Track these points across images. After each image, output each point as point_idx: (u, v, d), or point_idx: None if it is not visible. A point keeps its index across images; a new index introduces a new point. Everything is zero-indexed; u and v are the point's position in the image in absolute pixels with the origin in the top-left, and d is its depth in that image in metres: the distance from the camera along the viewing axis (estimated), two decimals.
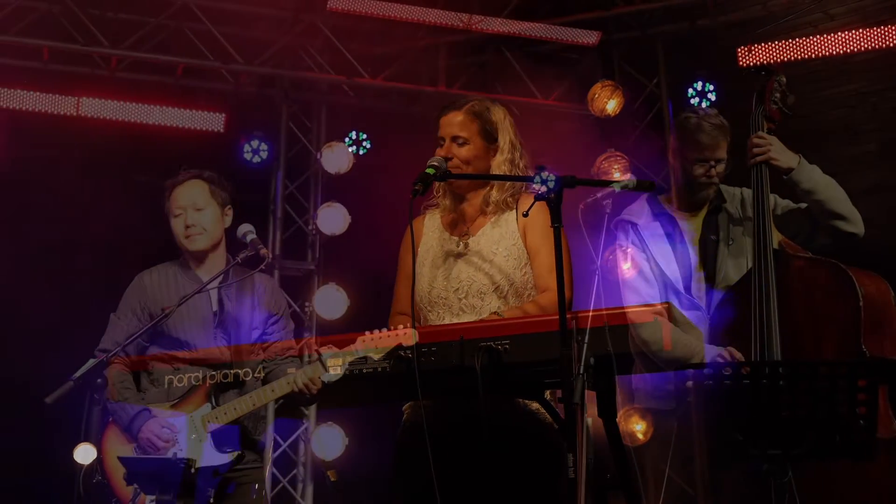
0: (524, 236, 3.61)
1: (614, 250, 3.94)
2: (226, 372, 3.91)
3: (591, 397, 2.90)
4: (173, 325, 3.98)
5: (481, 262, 3.58)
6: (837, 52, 6.95)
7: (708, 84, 7.14)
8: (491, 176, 3.65)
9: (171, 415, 3.86)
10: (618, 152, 7.38)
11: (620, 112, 7.47)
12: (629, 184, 3.24)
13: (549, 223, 3.02)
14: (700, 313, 3.88)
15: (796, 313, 3.55)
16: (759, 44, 7.01)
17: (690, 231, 4.03)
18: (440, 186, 3.72)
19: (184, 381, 3.92)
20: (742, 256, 3.93)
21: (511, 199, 3.69)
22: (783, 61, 6.87)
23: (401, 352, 3.14)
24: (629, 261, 3.96)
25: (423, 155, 3.67)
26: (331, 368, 3.41)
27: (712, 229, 4.02)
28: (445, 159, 3.54)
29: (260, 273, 4.05)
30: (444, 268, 3.63)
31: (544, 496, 3.34)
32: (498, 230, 3.65)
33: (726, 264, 3.93)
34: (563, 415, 2.84)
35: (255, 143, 7.37)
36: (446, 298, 3.58)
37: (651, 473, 3.74)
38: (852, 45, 6.91)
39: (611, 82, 7.51)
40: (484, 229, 3.67)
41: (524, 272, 3.59)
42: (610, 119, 7.48)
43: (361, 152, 7.53)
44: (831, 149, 7.05)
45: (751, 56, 7.03)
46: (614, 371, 2.96)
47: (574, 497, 2.73)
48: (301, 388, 3.62)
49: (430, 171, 3.38)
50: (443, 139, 3.64)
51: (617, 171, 7.25)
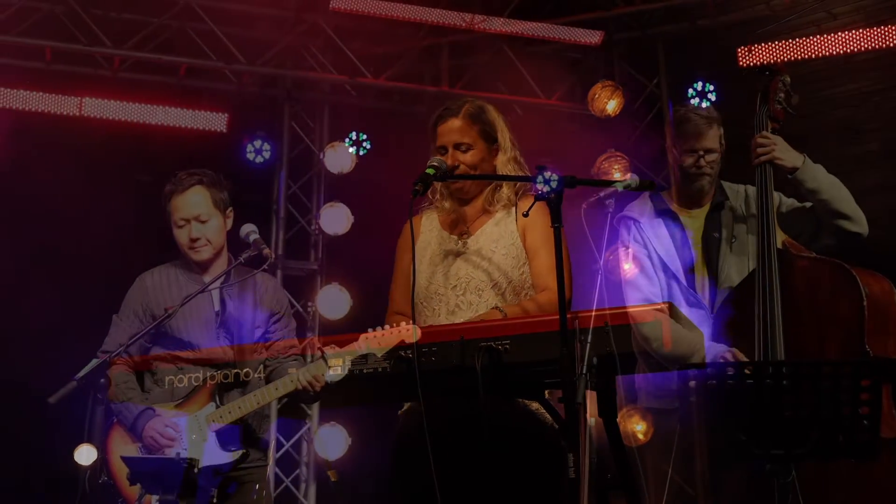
0: (524, 236, 3.61)
1: (616, 249, 3.94)
2: (226, 372, 3.91)
3: (590, 397, 2.90)
4: (176, 325, 3.98)
5: (480, 259, 3.58)
6: (838, 52, 6.94)
7: (708, 84, 7.12)
8: (491, 176, 3.65)
9: (175, 415, 3.87)
10: (618, 152, 7.37)
11: (621, 112, 7.47)
12: (631, 183, 3.24)
13: (550, 223, 3.01)
14: (703, 312, 3.88)
15: (800, 313, 3.55)
16: (760, 44, 6.99)
17: (693, 228, 4.03)
18: (439, 189, 3.72)
19: (184, 381, 3.92)
20: (744, 254, 3.92)
21: (515, 196, 3.69)
22: (784, 61, 6.85)
23: (401, 352, 3.14)
24: (631, 258, 3.96)
25: (426, 155, 3.67)
26: (333, 367, 3.42)
27: (715, 226, 4.01)
28: (453, 167, 3.54)
29: (262, 272, 4.05)
30: (442, 265, 3.63)
31: (543, 497, 3.34)
32: (498, 229, 3.65)
33: (728, 262, 3.93)
34: (563, 415, 2.83)
35: (257, 143, 7.37)
36: (443, 295, 3.58)
37: (652, 473, 3.74)
38: (853, 46, 6.89)
39: (611, 82, 7.51)
40: (484, 228, 3.67)
41: (522, 271, 3.59)
42: (610, 119, 7.48)
43: (361, 153, 7.52)
44: (834, 149, 7.02)
45: (751, 56, 7.01)
46: (617, 371, 2.96)
47: (574, 497, 2.72)
48: (304, 385, 3.64)
49: (431, 171, 3.38)
50: (444, 147, 3.63)
51: (617, 171, 7.24)
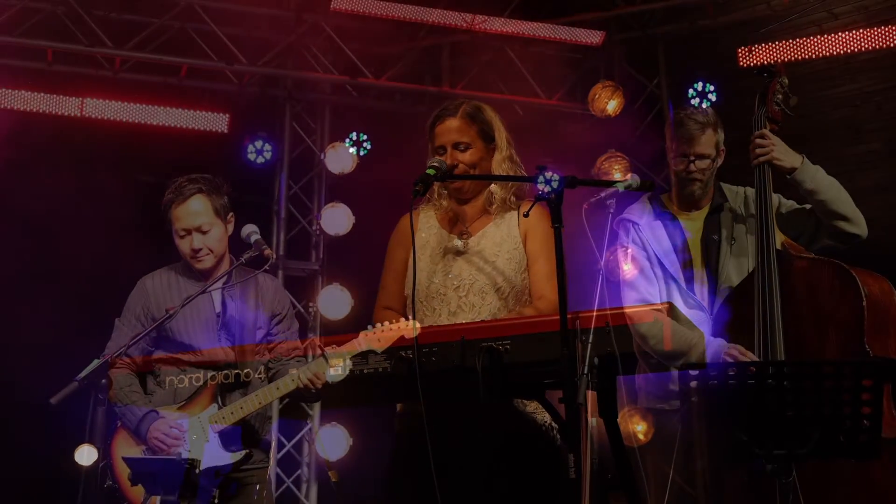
0: (525, 241, 3.61)
1: (615, 250, 3.94)
2: (227, 373, 3.91)
3: (590, 397, 2.90)
4: (177, 328, 3.97)
5: (483, 262, 3.58)
6: (838, 52, 6.94)
7: (708, 84, 7.12)
8: (492, 176, 3.65)
9: (179, 416, 3.86)
10: (618, 153, 7.38)
11: (621, 112, 7.47)
12: (632, 183, 3.24)
13: (550, 225, 3.01)
14: (703, 313, 3.88)
15: (799, 314, 3.55)
16: (760, 44, 7.00)
17: (692, 230, 4.03)
18: (437, 189, 3.72)
19: (185, 382, 3.91)
20: (744, 256, 3.92)
21: (514, 197, 3.69)
22: (785, 62, 6.85)
23: (402, 352, 3.14)
24: (630, 260, 3.96)
25: (427, 155, 3.68)
26: (334, 365, 3.42)
27: (714, 228, 4.01)
28: (452, 167, 3.55)
29: (263, 273, 4.04)
30: (442, 263, 3.63)
31: (539, 498, 3.34)
32: (500, 231, 3.65)
33: (728, 264, 3.93)
34: (563, 415, 2.83)
35: (258, 144, 7.37)
36: (445, 294, 3.59)
37: (653, 474, 3.74)
38: (853, 46, 6.89)
39: (611, 83, 7.51)
40: (486, 229, 3.67)
41: (524, 276, 3.61)
42: (611, 119, 7.48)
43: (362, 153, 7.52)
44: (835, 148, 7.02)
45: (751, 57, 7.01)
46: (618, 371, 2.96)
47: (574, 498, 2.72)
48: (305, 384, 3.64)
49: (431, 171, 3.39)
50: (443, 147, 3.64)
51: (618, 172, 7.25)
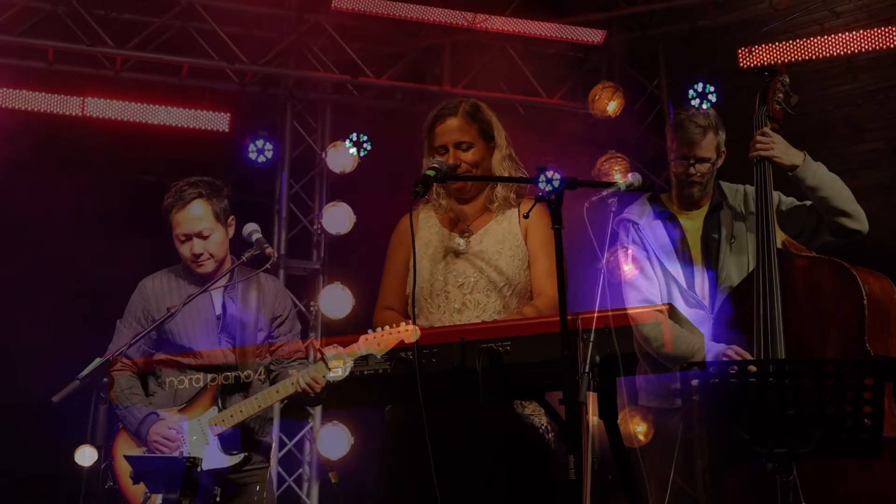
0: (526, 238, 3.62)
1: (616, 251, 3.94)
2: (227, 374, 3.90)
3: (591, 398, 2.89)
4: (177, 330, 3.96)
5: (485, 261, 3.58)
6: (839, 53, 6.93)
7: (709, 85, 7.12)
8: (493, 177, 3.65)
9: (179, 419, 3.86)
10: (619, 154, 7.38)
11: (621, 113, 7.47)
12: (634, 182, 3.25)
13: (550, 225, 3.01)
14: (703, 312, 3.88)
15: (800, 313, 3.55)
16: (760, 45, 6.99)
17: (692, 229, 4.02)
18: (437, 188, 3.72)
19: (185, 383, 3.91)
20: (744, 254, 3.92)
21: (514, 195, 3.70)
22: (785, 62, 6.85)
23: (402, 353, 3.14)
24: (630, 260, 3.96)
25: (424, 154, 3.68)
26: (334, 368, 3.42)
27: (714, 227, 4.01)
28: (454, 167, 3.55)
29: (265, 273, 4.02)
30: (444, 262, 3.64)
31: (533, 499, 3.34)
32: (502, 229, 3.65)
33: (728, 262, 3.92)
34: (563, 416, 2.83)
35: (259, 143, 7.36)
36: (448, 292, 3.59)
37: (654, 473, 3.73)
38: (854, 47, 6.88)
39: (611, 83, 7.51)
40: (487, 227, 3.67)
41: (526, 273, 3.62)
42: (611, 120, 7.48)
43: (362, 154, 7.52)
44: (837, 147, 7.02)
45: (751, 57, 7.01)
46: (620, 372, 2.96)
47: (573, 499, 2.72)
48: (304, 387, 3.62)
49: (431, 172, 3.39)
50: (444, 147, 3.64)
51: (618, 173, 7.25)
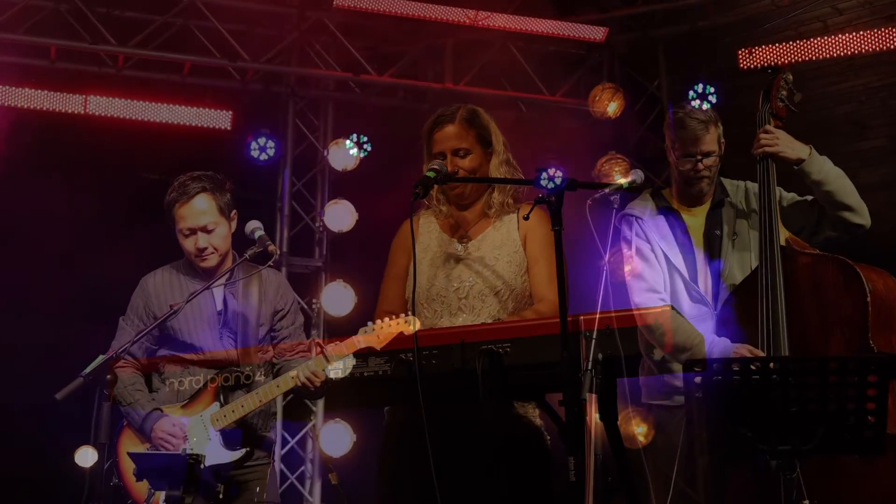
0: (524, 243, 3.62)
1: (618, 249, 3.94)
2: (227, 374, 3.90)
3: (591, 400, 2.89)
4: (179, 328, 3.96)
5: (483, 266, 3.59)
6: (839, 54, 6.92)
7: (709, 86, 7.11)
8: (493, 179, 3.65)
9: (182, 415, 3.86)
10: (619, 154, 7.38)
11: (621, 114, 7.47)
12: (637, 179, 3.25)
13: (550, 230, 3.01)
14: (706, 308, 3.88)
15: (804, 310, 3.55)
16: (761, 46, 6.99)
17: (694, 226, 4.02)
18: (435, 195, 3.72)
19: (185, 383, 3.92)
20: (747, 251, 3.92)
21: (512, 200, 3.70)
22: (786, 62, 6.84)
23: (402, 355, 3.14)
24: (634, 252, 3.95)
25: (423, 161, 3.68)
26: (334, 362, 3.44)
27: (716, 224, 4.01)
28: (452, 173, 3.55)
29: (266, 268, 4.03)
30: (444, 268, 3.64)
31: (535, 499, 3.35)
32: (500, 235, 3.66)
33: (731, 258, 3.92)
34: (563, 417, 2.83)
35: (262, 141, 7.35)
36: (445, 297, 3.60)
37: (656, 472, 3.73)
38: (854, 48, 6.86)
39: (611, 84, 7.52)
40: (486, 233, 3.68)
41: (524, 279, 3.62)
42: (611, 121, 7.48)
43: (363, 154, 7.51)
44: (839, 144, 7.00)
45: (752, 58, 7.01)
46: (622, 373, 2.96)
47: (573, 499, 2.72)
48: (304, 381, 3.64)
49: (431, 174, 3.39)
50: (442, 154, 3.64)
51: (618, 174, 7.25)
